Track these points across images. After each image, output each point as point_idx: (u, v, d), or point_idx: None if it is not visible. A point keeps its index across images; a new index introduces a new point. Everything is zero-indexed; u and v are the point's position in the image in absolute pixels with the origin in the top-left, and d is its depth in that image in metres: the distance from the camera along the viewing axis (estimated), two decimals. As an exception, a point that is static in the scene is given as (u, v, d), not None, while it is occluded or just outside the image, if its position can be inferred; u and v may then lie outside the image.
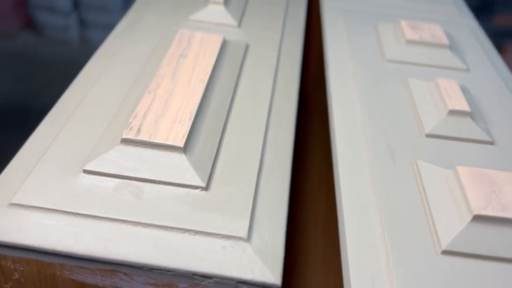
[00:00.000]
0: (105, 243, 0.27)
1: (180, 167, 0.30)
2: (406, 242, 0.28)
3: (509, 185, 0.30)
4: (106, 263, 0.27)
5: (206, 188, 0.30)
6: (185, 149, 0.31)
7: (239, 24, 0.47)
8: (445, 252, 0.27)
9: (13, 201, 0.28)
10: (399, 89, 0.41)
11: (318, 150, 0.55)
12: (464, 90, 0.40)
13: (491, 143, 0.36)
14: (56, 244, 0.27)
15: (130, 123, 0.31)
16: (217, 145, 0.33)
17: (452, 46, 0.46)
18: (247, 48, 0.44)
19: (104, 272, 0.28)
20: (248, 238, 0.27)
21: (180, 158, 0.30)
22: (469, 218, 0.27)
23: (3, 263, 0.28)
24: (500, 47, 1.93)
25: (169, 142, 0.30)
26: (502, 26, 1.93)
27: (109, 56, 0.41)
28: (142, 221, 0.28)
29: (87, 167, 0.30)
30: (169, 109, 0.33)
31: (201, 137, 0.32)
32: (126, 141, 0.30)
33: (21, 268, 0.29)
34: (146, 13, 0.48)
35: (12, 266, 0.28)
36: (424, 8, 0.55)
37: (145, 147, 0.30)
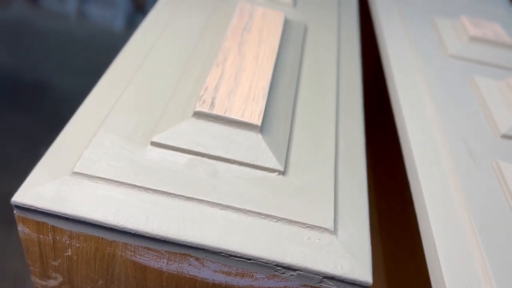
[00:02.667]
0: (180, 223, 0.24)
1: (256, 148, 0.27)
2: (500, 244, 0.26)
3: None
4: (179, 245, 0.24)
5: (283, 172, 0.27)
6: (262, 128, 0.28)
7: (295, 3, 0.45)
8: (544, 260, 0.25)
9: (75, 170, 0.25)
10: (466, 87, 0.39)
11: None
12: (534, 93, 0.38)
13: None
14: (125, 220, 0.24)
15: (202, 95, 0.28)
16: (290, 126, 0.30)
17: (514, 47, 0.44)
18: (306, 29, 0.41)
19: (173, 255, 0.25)
20: (335, 231, 0.25)
21: (257, 137, 0.28)
22: None
23: (58, 237, 0.25)
24: None
25: (246, 119, 0.28)
26: None
27: (163, 23, 0.38)
28: (220, 202, 0.25)
29: (156, 139, 0.27)
30: (240, 84, 0.30)
31: (275, 116, 0.30)
32: (199, 115, 0.28)
33: (77, 245, 0.26)
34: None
35: (68, 241, 0.25)
36: (472, 6, 0.53)
37: (219, 122, 0.28)
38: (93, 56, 1.83)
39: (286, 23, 0.39)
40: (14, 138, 1.53)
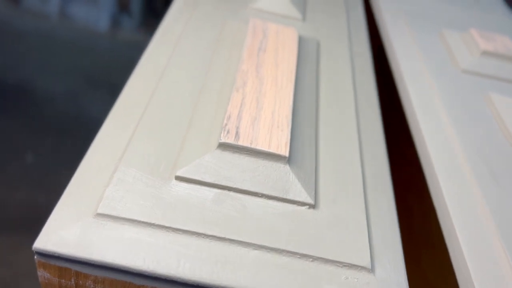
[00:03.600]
0: (213, 267, 0.23)
1: (285, 180, 0.26)
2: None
3: None
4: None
5: (314, 206, 0.26)
6: (289, 158, 0.27)
7: (304, 18, 0.44)
8: None
9: (99, 211, 0.23)
10: (482, 104, 0.38)
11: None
12: (549, 110, 0.38)
13: None
14: (155, 265, 0.22)
15: (226, 124, 0.27)
16: (314, 154, 0.29)
17: (525, 61, 0.44)
18: (318, 45, 0.40)
19: (204, 298, 0.24)
20: (372, 268, 0.24)
21: (285, 169, 0.26)
22: None
23: (81, 282, 0.24)
24: None
25: (273, 150, 0.26)
26: None
27: (172, 42, 0.37)
28: (252, 241, 0.24)
29: (180, 173, 0.26)
30: (263, 110, 0.29)
31: (300, 144, 0.29)
32: (224, 146, 0.26)
33: (101, 289, 0.24)
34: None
35: (92, 285, 0.24)
36: (478, 16, 0.53)
37: (245, 154, 0.26)
38: (77, 57, 1.79)
39: (300, 40, 0.38)
40: (-3, 142, 1.48)
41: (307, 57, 0.37)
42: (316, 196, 0.27)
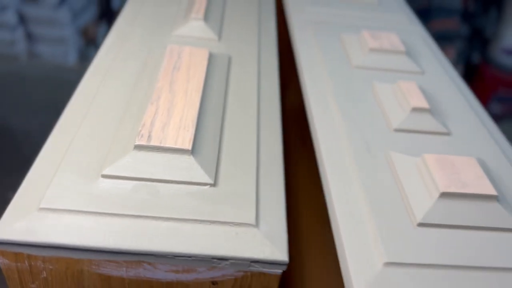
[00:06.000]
0: (132, 237, 0.30)
1: (190, 167, 0.34)
2: (388, 220, 0.33)
3: (467, 167, 0.36)
4: (133, 254, 0.30)
5: (214, 184, 0.34)
6: (193, 151, 0.34)
7: (219, 38, 0.52)
8: (421, 225, 0.32)
9: (41, 206, 0.31)
10: (367, 91, 0.46)
11: (296, 146, 0.60)
12: (422, 90, 0.46)
13: (448, 134, 0.42)
14: (87, 241, 0.30)
15: (140, 131, 0.35)
16: (218, 146, 0.37)
17: (408, 52, 0.53)
18: (230, 60, 0.48)
19: (129, 263, 0.31)
20: (257, 224, 0.32)
21: (189, 159, 0.34)
22: (437, 195, 0.33)
23: (32, 263, 0.31)
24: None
25: (178, 146, 0.34)
26: (439, 31, 2.09)
27: (103, 72, 0.44)
28: (162, 215, 0.31)
29: (105, 172, 0.33)
30: (173, 117, 0.37)
31: (204, 140, 0.36)
32: (139, 147, 0.34)
33: (50, 267, 0.31)
34: (131, 30, 0.52)
35: (42, 265, 0.31)
36: (378, 17, 0.61)
37: (157, 151, 0.34)
38: (49, 93, 1.86)
39: (211, 58, 0.46)
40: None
41: (218, 70, 0.45)
42: (216, 177, 0.34)
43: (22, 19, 2.12)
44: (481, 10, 2.17)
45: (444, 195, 0.33)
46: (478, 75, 2.22)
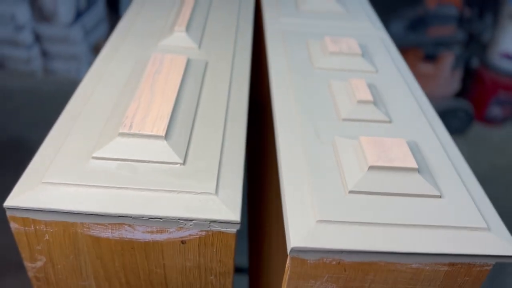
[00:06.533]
0: (114, 204, 0.38)
1: (163, 150, 0.41)
2: (325, 188, 0.40)
3: (396, 146, 0.43)
4: (115, 217, 0.38)
5: (183, 163, 0.41)
6: (166, 137, 0.42)
7: (199, 46, 0.60)
8: (351, 192, 0.40)
9: (43, 180, 0.39)
10: (324, 88, 0.54)
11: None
12: (371, 86, 0.53)
13: (389, 121, 0.49)
14: (79, 206, 0.37)
15: (123, 122, 0.43)
16: (189, 134, 0.45)
17: (364, 54, 0.60)
18: (206, 64, 0.56)
19: (113, 226, 0.38)
20: (216, 193, 0.39)
21: (162, 143, 0.42)
22: (366, 168, 0.40)
23: (37, 227, 0.39)
24: (436, 56, 2.14)
25: (154, 133, 0.42)
26: (436, 38, 2.15)
27: (98, 76, 0.53)
28: (139, 187, 0.39)
29: (95, 155, 0.41)
30: (151, 111, 0.45)
31: (177, 129, 0.44)
32: (122, 134, 0.42)
33: (51, 230, 0.39)
34: (123, 42, 0.60)
35: (44, 228, 0.39)
36: (345, 25, 0.69)
37: (137, 137, 0.42)
38: (64, 107, 1.96)
39: (189, 63, 0.54)
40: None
41: (194, 73, 0.53)
42: (185, 158, 0.42)
43: (38, 38, 2.25)
44: (477, 16, 2.22)
45: (372, 168, 0.40)
46: (477, 79, 2.27)
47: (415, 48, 2.09)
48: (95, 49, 2.35)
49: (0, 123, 1.97)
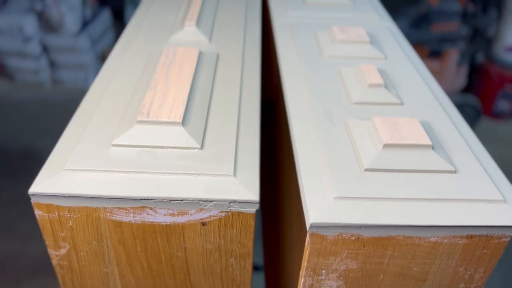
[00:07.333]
0: (135, 187, 0.39)
1: (180, 136, 0.42)
2: (341, 167, 0.41)
3: (409, 125, 0.43)
4: (137, 200, 0.39)
5: (201, 148, 0.42)
6: (183, 123, 0.43)
7: (210, 40, 0.61)
8: (367, 170, 0.40)
9: (66, 167, 0.40)
10: (334, 75, 0.54)
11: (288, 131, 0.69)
12: (381, 71, 0.54)
13: (401, 104, 0.50)
14: (101, 191, 0.38)
15: (141, 110, 0.44)
16: (205, 120, 0.45)
17: (373, 42, 0.61)
18: (218, 56, 0.57)
19: (135, 209, 0.39)
20: (234, 175, 0.40)
21: (180, 129, 0.43)
22: (381, 146, 0.41)
23: (61, 213, 0.40)
24: (441, 52, 2.14)
25: (171, 120, 0.43)
26: (440, 33, 2.15)
27: (114, 69, 0.54)
28: (159, 171, 0.40)
29: (115, 142, 0.42)
30: (167, 99, 0.46)
31: (193, 115, 0.45)
32: (140, 122, 0.43)
33: (74, 216, 0.40)
34: (136, 38, 0.61)
35: (68, 214, 0.40)
36: (352, 16, 0.70)
37: (155, 124, 0.43)
38: (71, 117, 1.99)
39: (201, 55, 0.55)
40: (9, 203, 1.66)
41: (206, 64, 0.54)
42: (203, 143, 0.43)
43: (45, 49, 2.28)
44: (480, 10, 2.23)
45: (387, 146, 0.41)
46: (483, 74, 2.27)
47: (420, 45, 2.10)
48: (102, 58, 2.38)
49: (11, 133, 1.99)
